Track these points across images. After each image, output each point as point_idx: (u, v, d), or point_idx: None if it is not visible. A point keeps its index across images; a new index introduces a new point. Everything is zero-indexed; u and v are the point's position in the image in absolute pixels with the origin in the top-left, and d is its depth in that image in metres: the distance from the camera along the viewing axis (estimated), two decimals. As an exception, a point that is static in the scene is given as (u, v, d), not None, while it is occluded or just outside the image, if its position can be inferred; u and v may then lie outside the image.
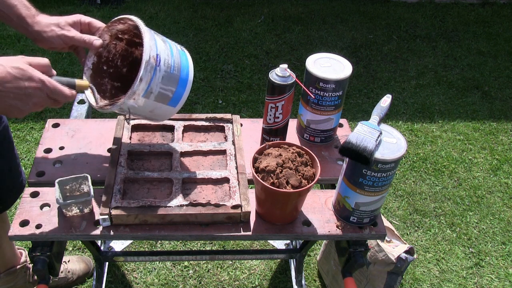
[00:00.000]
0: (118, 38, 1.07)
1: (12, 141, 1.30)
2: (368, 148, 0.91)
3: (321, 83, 1.13)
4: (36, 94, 0.85)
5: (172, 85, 1.01)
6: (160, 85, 0.98)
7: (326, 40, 3.30)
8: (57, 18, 1.02)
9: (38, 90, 0.85)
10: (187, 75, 1.04)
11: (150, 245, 1.87)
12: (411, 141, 2.51)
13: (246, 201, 1.01)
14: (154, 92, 0.98)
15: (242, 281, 1.78)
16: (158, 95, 0.99)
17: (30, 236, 0.97)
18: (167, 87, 1.00)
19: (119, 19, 1.04)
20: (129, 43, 1.09)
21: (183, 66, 1.03)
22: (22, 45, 2.93)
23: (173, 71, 1.01)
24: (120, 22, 1.05)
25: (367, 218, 1.04)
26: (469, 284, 1.83)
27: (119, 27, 1.06)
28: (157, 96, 0.99)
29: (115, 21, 1.05)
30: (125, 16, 1.04)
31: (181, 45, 1.09)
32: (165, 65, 0.98)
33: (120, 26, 1.05)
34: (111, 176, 1.05)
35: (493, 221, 2.09)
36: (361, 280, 1.59)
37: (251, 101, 2.65)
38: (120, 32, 1.07)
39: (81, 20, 1.04)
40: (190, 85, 1.06)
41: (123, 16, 1.04)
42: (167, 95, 1.01)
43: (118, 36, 1.07)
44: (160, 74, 0.97)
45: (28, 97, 0.85)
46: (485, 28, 3.61)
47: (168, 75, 0.99)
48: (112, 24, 1.05)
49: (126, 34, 1.07)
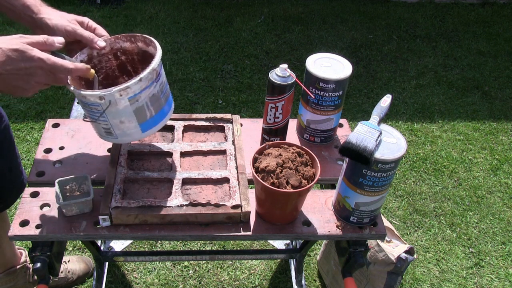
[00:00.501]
0: (115, 56, 1.07)
1: (13, 141, 1.30)
2: (368, 148, 0.91)
3: (321, 83, 1.13)
4: (37, 73, 0.86)
5: (155, 107, 1.00)
6: (147, 99, 0.97)
7: (326, 40, 3.30)
8: (64, 12, 1.01)
9: (39, 69, 0.85)
10: (167, 113, 1.04)
11: (150, 245, 1.87)
12: (411, 141, 2.51)
13: (246, 201, 1.01)
14: (138, 102, 0.95)
15: (242, 281, 1.78)
16: (139, 109, 0.97)
17: (30, 236, 0.97)
18: (150, 106, 0.99)
19: (131, 35, 1.04)
20: (121, 66, 1.08)
21: (168, 102, 1.04)
22: (22, 45, 2.93)
23: (162, 97, 1.01)
24: (129, 40, 1.04)
25: (367, 218, 1.04)
26: (469, 284, 1.83)
27: (124, 45, 1.05)
28: (138, 109, 0.96)
29: (125, 36, 1.04)
30: (140, 34, 1.03)
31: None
32: (160, 86, 0.99)
33: (127, 44, 1.05)
34: (111, 176, 1.05)
35: (493, 221, 2.09)
36: (361, 280, 1.59)
37: (251, 101, 2.65)
38: (121, 51, 1.06)
39: (88, 23, 1.03)
40: (162, 123, 1.04)
41: (138, 34, 1.04)
42: (146, 114, 0.98)
43: (117, 54, 1.06)
44: (153, 90, 0.97)
45: (29, 77, 0.85)
46: (485, 28, 3.61)
47: (157, 96, 0.99)
48: (119, 38, 1.04)
49: (124, 56, 1.07)
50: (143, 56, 1.07)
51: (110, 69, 1.08)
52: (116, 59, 1.07)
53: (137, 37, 1.04)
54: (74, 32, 0.98)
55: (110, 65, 1.08)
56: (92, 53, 1.04)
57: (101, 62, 1.06)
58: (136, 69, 1.10)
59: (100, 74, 1.07)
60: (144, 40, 1.04)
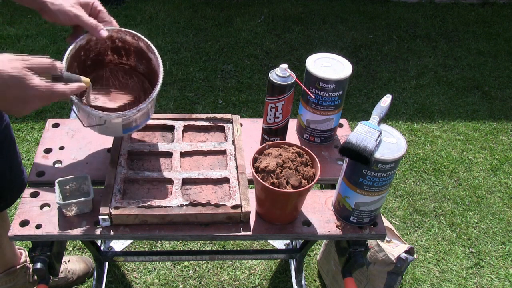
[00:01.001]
0: (112, 41, 1.06)
1: (13, 140, 1.30)
2: (368, 148, 0.91)
3: (321, 83, 1.13)
4: (34, 101, 0.84)
5: (141, 119, 1.06)
6: (137, 117, 1.02)
7: (326, 40, 3.30)
8: None
9: (36, 98, 0.83)
10: (149, 118, 1.09)
11: (150, 245, 1.87)
12: (411, 141, 2.51)
13: (246, 201, 1.01)
14: (130, 120, 1.01)
15: (242, 281, 1.78)
16: (128, 123, 1.02)
17: (30, 236, 0.97)
18: (138, 119, 1.04)
19: (137, 35, 1.04)
20: (115, 49, 1.08)
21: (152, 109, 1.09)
22: (22, 45, 2.93)
23: (150, 110, 1.07)
24: (133, 37, 1.04)
25: (367, 218, 1.04)
26: (469, 284, 1.83)
27: (125, 37, 1.05)
28: (127, 123, 1.02)
29: (130, 33, 1.04)
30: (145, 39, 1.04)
31: None
32: (151, 104, 1.03)
33: (128, 38, 1.05)
34: (111, 176, 1.05)
35: (493, 221, 2.09)
36: (361, 280, 1.59)
37: (251, 101, 2.65)
38: (120, 40, 1.06)
39: (93, 5, 1.01)
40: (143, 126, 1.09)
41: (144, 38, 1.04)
42: (131, 125, 1.04)
43: (115, 41, 1.06)
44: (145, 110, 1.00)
45: (25, 104, 0.83)
46: (485, 28, 3.61)
47: (147, 112, 1.04)
48: (123, 31, 1.04)
49: (121, 43, 1.07)
50: (139, 51, 1.07)
51: (103, 49, 1.08)
52: (113, 43, 1.07)
53: (141, 39, 1.04)
54: (77, 19, 0.97)
55: (105, 46, 1.08)
56: (91, 38, 1.02)
57: (97, 44, 1.06)
58: (128, 55, 1.10)
59: (92, 52, 1.06)
60: (147, 46, 1.04)
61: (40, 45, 2.94)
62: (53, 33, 3.06)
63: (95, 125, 1.02)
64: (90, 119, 1.01)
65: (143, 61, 1.09)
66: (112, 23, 1.04)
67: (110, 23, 1.03)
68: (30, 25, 3.13)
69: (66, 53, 0.97)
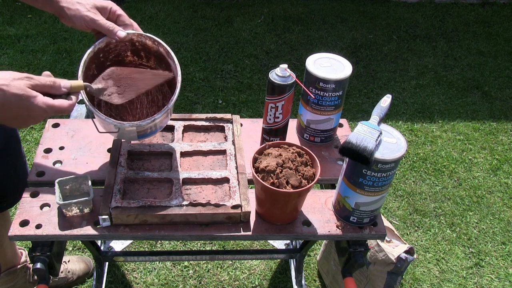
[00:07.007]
0: (132, 44, 1.06)
1: (19, 140, 1.30)
2: (368, 148, 0.91)
3: (321, 83, 1.13)
4: (36, 117, 0.86)
5: (158, 127, 1.07)
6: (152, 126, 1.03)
7: (326, 40, 3.30)
8: None
9: (38, 115, 0.86)
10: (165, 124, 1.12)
11: (150, 245, 1.87)
12: (411, 141, 2.51)
13: (246, 201, 1.01)
14: (145, 128, 1.02)
15: (242, 281, 1.78)
16: (143, 130, 1.03)
17: (30, 236, 0.97)
18: (153, 127, 1.04)
19: (157, 41, 1.04)
20: (135, 51, 1.08)
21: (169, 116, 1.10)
22: (22, 45, 2.93)
23: (166, 119, 1.08)
24: (153, 42, 1.04)
25: (367, 218, 1.04)
26: (469, 284, 1.83)
27: (145, 42, 1.05)
28: (142, 131, 1.03)
29: (150, 38, 1.04)
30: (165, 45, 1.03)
31: None
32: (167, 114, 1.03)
33: (148, 42, 1.05)
34: (111, 176, 1.05)
35: (493, 221, 2.09)
36: (361, 280, 1.59)
37: (251, 101, 2.65)
38: (140, 43, 1.05)
39: (111, 9, 1.01)
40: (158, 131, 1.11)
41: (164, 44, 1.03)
42: (146, 131, 1.04)
43: (135, 44, 1.06)
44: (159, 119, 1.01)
45: (28, 120, 0.86)
46: (485, 28, 3.61)
47: (163, 121, 1.05)
48: (143, 36, 1.04)
49: (141, 46, 1.06)
50: (159, 56, 1.07)
51: (123, 50, 1.08)
52: (133, 46, 1.07)
53: (161, 44, 1.04)
54: (94, 24, 0.97)
55: (125, 48, 1.07)
56: (111, 41, 1.02)
57: (117, 46, 1.05)
58: (148, 58, 1.09)
59: (111, 54, 1.06)
60: (167, 52, 1.04)
61: (40, 45, 2.94)
62: (53, 33, 3.06)
63: (110, 132, 1.04)
64: (105, 124, 1.02)
65: (163, 65, 1.07)
66: (132, 26, 1.03)
67: (131, 26, 1.03)
68: (30, 25, 3.12)
69: (84, 56, 0.98)
